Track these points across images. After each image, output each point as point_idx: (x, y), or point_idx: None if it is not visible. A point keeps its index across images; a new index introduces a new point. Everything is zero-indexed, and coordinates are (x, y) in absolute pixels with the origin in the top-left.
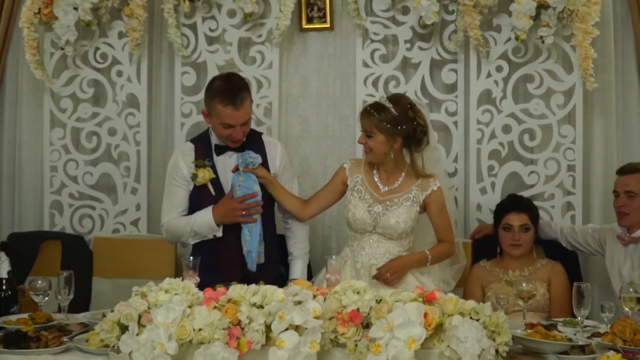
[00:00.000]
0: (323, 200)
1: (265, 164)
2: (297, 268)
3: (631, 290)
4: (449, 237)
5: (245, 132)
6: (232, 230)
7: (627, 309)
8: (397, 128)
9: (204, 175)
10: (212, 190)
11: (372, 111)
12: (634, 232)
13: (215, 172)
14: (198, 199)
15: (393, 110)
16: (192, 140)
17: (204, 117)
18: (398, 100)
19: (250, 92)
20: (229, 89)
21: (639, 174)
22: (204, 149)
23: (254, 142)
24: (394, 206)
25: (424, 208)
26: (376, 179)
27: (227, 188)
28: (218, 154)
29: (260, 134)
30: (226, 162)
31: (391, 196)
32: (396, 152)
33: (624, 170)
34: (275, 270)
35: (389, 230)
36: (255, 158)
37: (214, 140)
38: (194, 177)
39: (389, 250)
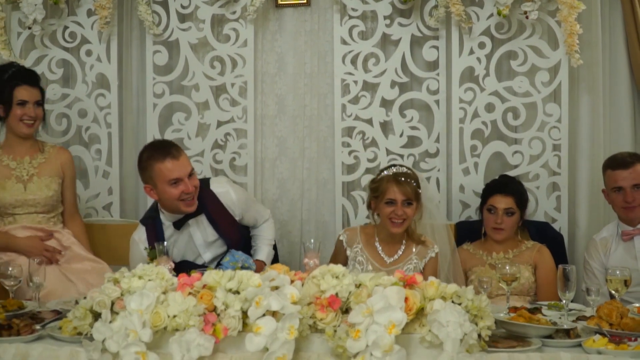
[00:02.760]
0: None
1: (226, 214)
2: (262, 252)
3: (618, 272)
4: None
5: (197, 187)
6: None
7: (613, 292)
8: (420, 193)
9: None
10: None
11: (409, 180)
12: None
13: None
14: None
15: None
16: (142, 221)
17: (149, 193)
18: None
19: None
20: (160, 146)
21: (638, 164)
22: (155, 231)
23: (205, 198)
24: None
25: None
26: (379, 250)
27: (196, 259)
28: (179, 228)
29: (207, 182)
30: (195, 233)
31: (394, 267)
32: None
33: (624, 164)
34: None
35: None
36: (245, 260)
37: (169, 218)
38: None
39: None
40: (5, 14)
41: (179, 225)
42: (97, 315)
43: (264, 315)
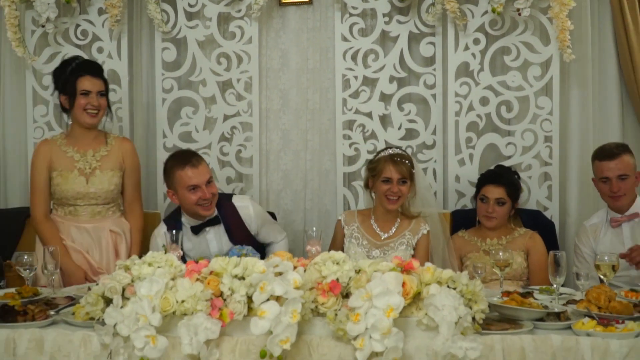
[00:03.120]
0: None
1: (243, 227)
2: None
3: (606, 258)
4: None
5: (214, 195)
6: None
7: (601, 276)
8: (414, 173)
9: None
10: None
11: (404, 160)
12: (627, 211)
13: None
14: None
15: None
16: (165, 220)
17: (171, 197)
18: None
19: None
20: (182, 156)
21: (624, 155)
22: (175, 230)
23: (225, 209)
24: (390, 251)
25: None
26: (375, 226)
27: None
28: (196, 233)
29: (230, 197)
30: (212, 241)
31: (388, 241)
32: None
33: (611, 155)
34: None
35: None
36: (250, 250)
37: (189, 222)
38: None
39: None
40: (20, 12)
41: (196, 230)
42: (108, 301)
43: (268, 300)
